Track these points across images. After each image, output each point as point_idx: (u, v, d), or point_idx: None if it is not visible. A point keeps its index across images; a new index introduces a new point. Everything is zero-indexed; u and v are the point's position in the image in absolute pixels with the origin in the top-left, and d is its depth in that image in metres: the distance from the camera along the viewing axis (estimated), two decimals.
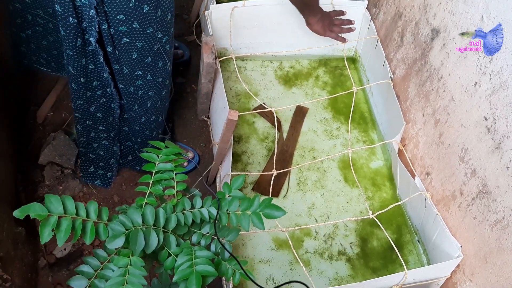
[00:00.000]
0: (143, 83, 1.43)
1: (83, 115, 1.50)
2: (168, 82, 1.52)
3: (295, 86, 1.92)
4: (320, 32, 1.77)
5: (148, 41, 1.32)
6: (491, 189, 1.22)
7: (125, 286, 0.80)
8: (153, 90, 1.47)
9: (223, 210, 1.02)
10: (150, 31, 1.30)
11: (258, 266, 1.51)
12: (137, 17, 1.24)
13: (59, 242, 0.80)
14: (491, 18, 1.18)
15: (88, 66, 1.33)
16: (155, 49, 1.36)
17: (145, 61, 1.36)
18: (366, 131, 1.83)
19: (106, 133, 1.58)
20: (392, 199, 1.67)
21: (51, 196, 0.82)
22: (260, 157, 1.74)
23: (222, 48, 1.87)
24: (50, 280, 1.56)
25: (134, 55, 1.33)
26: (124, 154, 1.70)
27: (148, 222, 0.92)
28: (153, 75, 1.42)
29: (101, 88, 1.42)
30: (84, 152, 1.65)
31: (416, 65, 1.56)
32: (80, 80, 1.37)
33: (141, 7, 1.23)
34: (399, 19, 1.66)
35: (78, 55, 1.28)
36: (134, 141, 1.63)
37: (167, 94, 1.54)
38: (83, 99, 1.44)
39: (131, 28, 1.25)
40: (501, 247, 1.19)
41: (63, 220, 0.82)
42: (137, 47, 1.31)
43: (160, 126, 1.64)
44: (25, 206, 0.79)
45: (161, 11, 1.29)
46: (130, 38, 1.28)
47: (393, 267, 1.54)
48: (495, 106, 1.19)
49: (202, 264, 0.88)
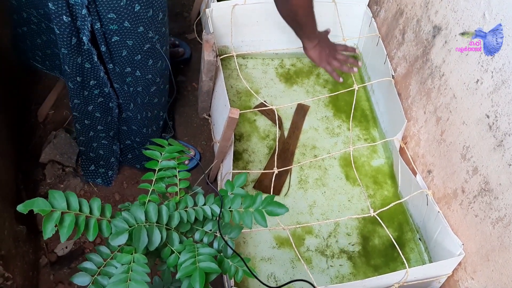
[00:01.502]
0: (132, 80, 1.43)
1: (81, 114, 1.50)
2: (160, 80, 1.52)
3: (296, 84, 1.92)
4: (316, 61, 1.61)
5: (138, 40, 1.32)
6: (493, 187, 1.22)
7: (129, 283, 0.80)
8: (142, 86, 1.46)
9: (226, 207, 1.02)
10: (141, 30, 1.30)
11: (259, 264, 1.51)
12: (128, 16, 1.24)
13: (62, 238, 0.80)
14: (493, 15, 1.18)
15: (84, 65, 1.33)
16: (146, 48, 1.36)
17: (134, 58, 1.36)
18: (367, 129, 1.83)
19: (105, 133, 1.58)
20: (394, 197, 1.67)
21: (54, 192, 0.82)
22: (261, 155, 1.74)
23: (223, 46, 1.87)
24: (52, 279, 1.56)
25: (124, 53, 1.33)
26: (124, 152, 1.70)
27: (151, 219, 0.92)
28: (142, 72, 1.42)
29: (98, 88, 1.42)
30: (84, 151, 1.65)
31: (418, 63, 1.55)
32: (76, 79, 1.36)
33: (132, 6, 1.23)
34: (400, 17, 1.65)
35: (73, 54, 1.28)
36: (133, 140, 1.63)
37: (157, 91, 1.53)
38: (80, 98, 1.44)
39: (121, 27, 1.25)
40: (503, 245, 1.19)
41: (66, 216, 0.82)
42: (127, 45, 1.31)
43: (154, 121, 1.64)
44: (28, 201, 0.79)
45: (152, 10, 1.29)
46: (121, 36, 1.28)
47: (395, 265, 1.54)
48: (497, 104, 1.19)
49: (205, 261, 0.87)
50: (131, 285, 0.80)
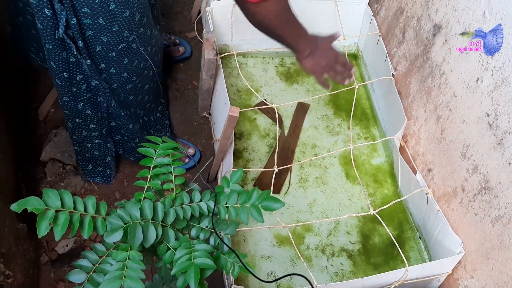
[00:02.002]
0: (107, 76, 1.42)
1: (71, 112, 1.49)
2: (136, 79, 1.50)
3: (296, 82, 1.92)
4: (309, 71, 1.36)
5: (113, 38, 1.31)
6: (493, 185, 1.21)
7: (124, 280, 0.80)
8: (116, 83, 1.45)
9: (222, 204, 1.02)
10: (116, 29, 1.29)
11: (259, 262, 1.51)
12: (102, 14, 1.23)
13: (56, 236, 0.80)
14: (493, 14, 1.17)
15: (69, 59, 1.32)
16: (121, 47, 1.35)
17: (109, 55, 1.35)
18: (367, 127, 1.83)
19: (98, 131, 1.57)
20: (394, 196, 1.66)
21: (49, 191, 0.82)
22: (261, 153, 1.74)
23: (223, 44, 1.87)
24: (52, 276, 1.57)
25: (98, 48, 1.32)
26: (116, 148, 1.70)
27: (146, 216, 0.92)
28: (117, 69, 1.41)
29: (85, 82, 1.41)
30: (79, 151, 1.65)
31: (418, 61, 1.55)
32: (64, 75, 1.36)
33: (107, 4, 1.22)
34: (401, 15, 1.65)
35: (58, 49, 1.28)
36: (123, 134, 1.62)
37: (133, 89, 1.52)
38: (69, 95, 1.43)
39: (96, 23, 1.25)
40: (503, 243, 1.18)
41: (60, 214, 0.82)
42: (101, 40, 1.30)
43: (136, 119, 1.63)
44: (22, 200, 0.79)
45: (129, 11, 1.28)
46: (95, 31, 1.27)
47: (395, 263, 1.54)
48: (497, 102, 1.19)
49: (200, 257, 0.87)
50: (125, 282, 0.80)
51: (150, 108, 1.68)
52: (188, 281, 0.83)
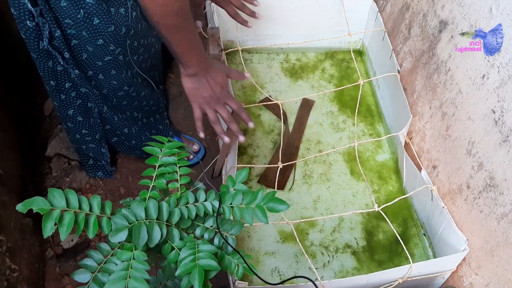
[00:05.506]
0: (97, 83, 1.41)
1: (63, 116, 1.49)
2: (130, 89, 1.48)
3: (301, 78, 1.91)
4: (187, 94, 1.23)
5: (98, 50, 1.29)
6: (498, 182, 1.21)
7: (128, 280, 0.81)
8: (107, 89, 1.44)
9: (227, 203, 1.02)
10: (100, 43, 1.27)
11: (263, 259, 1.51)
12: (85, 28, 1.22)
13: (61, 236, 0.80)
14: (500, 10, 1.16)
15: (56, 68, 1.31)
16: (107, 59, 1.33)
17: (96, 63, 1.33)
18: (372, 124, 1.82)
19: (91, 136, 1.56)
20: (398, 192, 1.66)
21: (54, 190, 0.82)
22: (265, 150, 1.74)
23: (228, 40, 1.87)
24: (58, 271, 1.58)
25: (84, 56, 1.31)
26: (114, 147, 1.70)
27: (151, 216, 0.92)
28: (105, 76, 1.39)
29: (74, 89, 1.40)
30: (77, 148, 1.65)
31: (424, 58, 1.54)
32: (50, 83, 1.35)
33: (91, 19, 1.20)
34: (406, 11, 1.64)
35: (43, 58, 1.27)
36: (119, 135, 1.61)
37: (126, 96, 1.50)
38: (58, 101, 1.42)
39: (80, 35, 1.24)
40: (508, 241, 1.18)
41: (65, 214, 0.82)
42: (87, 49, 1.29)
43: (133, 122, 1.61)
44: (28, 200, 0.79)
45: (114, 26, 1.25)
46: (79, 41, 1.26)
47: (399, 260, 1.54)
48: (503, 99, 1.18)
49: (205, 258, 0.87)
50: (130, 283, 0.80)
51: (150, 111, 1.67)
52: (192, 282, 0.83)
